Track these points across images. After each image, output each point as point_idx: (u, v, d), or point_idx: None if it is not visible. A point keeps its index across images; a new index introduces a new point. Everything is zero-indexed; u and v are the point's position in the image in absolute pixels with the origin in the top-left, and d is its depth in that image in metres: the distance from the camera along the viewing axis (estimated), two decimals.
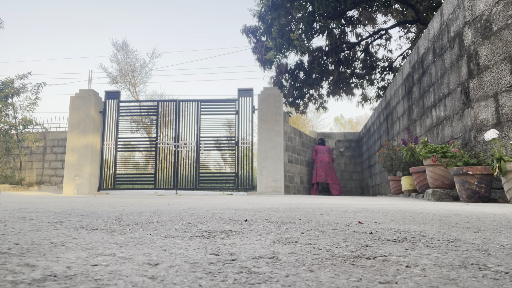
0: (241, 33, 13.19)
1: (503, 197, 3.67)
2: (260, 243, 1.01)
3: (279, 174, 8.38)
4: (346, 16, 12.71)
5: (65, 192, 8.43)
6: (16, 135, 11.36)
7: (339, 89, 14.20)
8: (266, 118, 8.61)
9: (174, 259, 0.79)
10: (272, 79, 13.62)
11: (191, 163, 9.24)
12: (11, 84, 10.93)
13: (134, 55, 28.34)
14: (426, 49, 5.81)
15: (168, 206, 2.74)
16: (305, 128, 29.28)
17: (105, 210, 2.25)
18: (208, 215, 1.91)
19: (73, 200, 4.12)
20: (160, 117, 9.58)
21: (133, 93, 25.78)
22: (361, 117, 35.83)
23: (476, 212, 2.14)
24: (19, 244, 0.95)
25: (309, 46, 11.78)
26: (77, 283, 0.59)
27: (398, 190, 6.78)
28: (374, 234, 1.21)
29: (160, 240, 1.06)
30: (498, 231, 1.30)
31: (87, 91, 8.98)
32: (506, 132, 3.50)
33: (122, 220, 1.62)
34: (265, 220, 1.67)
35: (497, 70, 3.66)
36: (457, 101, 4.56)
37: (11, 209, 2.21)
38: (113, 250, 0.88)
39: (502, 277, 0.67)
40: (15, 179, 11.69)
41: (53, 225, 1.40)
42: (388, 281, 0.63)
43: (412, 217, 1.85)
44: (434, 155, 4.25)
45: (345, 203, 3.39)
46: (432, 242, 1.04)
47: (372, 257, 0.83)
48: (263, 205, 3.00)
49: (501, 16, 3.62)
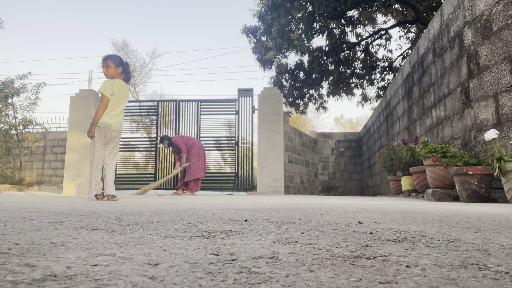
0: (241, 33, 13.20)
1: (503, 197, 3.67)
2: (260, 243, 1.01)
3: (279, 174, 8.38)
4: (346, 16, 12.71)
5: (65, 192, 8.43)
6: (16, 135, 11.36)
7: (339, 89, 14.20)
8: (266, 118, 8.62)
9: (174, 259, 0.79)
10: (272, 79, 13.63)
11: None
12: (11, 84, 10.93)
13: (134, 55, 28.39)
14: (426, 49, 5.81)
15: (168, 206, 2.74)
16: (305, 128, 29.29)
17: (105, 210, 2.25)
18: (208, 215, 1.91)
19: (73, 200, 4.12)
20: (160, 117, 9.58)
21: (133, 93, 25.81)
22: (361, 117, 35.84)
23: (476, 212, 2.14)
24: (19, 244, 0.95)
25: (309, 46, 11.78)
26: (77, 283, 0.59)
27: (398, 190, 6.78)
28: (374, 234, 1.22)
29: (160, 240, 1.06)
30: (498, 231, 1.30)
31: (87, 91, 8.98)
32: (506, 132, 3.50)
33: (122, 220, 1.62)
34: (265, 220, 1.67)
35: (497, 70, 3.66)
36: (457, 101, 4.56)
37: (11, 209, 2.21)
38: (113, 250, 0.88)
39: (502, 277, 0.67)
40: (15, 179, 11.69)
41: (53, 225, 1.40)
42: (388, 281, 0.63)
43: (412, 217, 1.85)
44: (434, 155, 4.25)
45: (345, 203, 3.39)
46: (432, 242, 1.04)
47: (372, 257, 0.83)
48: (263, 205, 3.00)
49: (501, 16, 3.62)
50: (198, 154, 7.19)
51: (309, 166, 12.07)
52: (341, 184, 13.17)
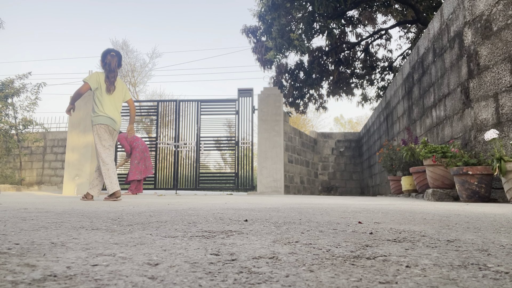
0: (241, 33, 13.20)
1: (503, 197, 3.67)
2: (260, 243, 1.01)
3: (279, 174, 8.38)
4: (346, 16, 12.71)
5: (65, 192, 8.42)
6: (16, 135, 11.37)
7: (339, 89, 14.20)
8: (266, 118, 8.61)
9: (174, 259, 0.79)
10: (272, 79, 13.63)
11: (191, 163, 9.24)
12: (11, 84, 10.93)
13: (134, 55, 28.38)
14: (426, 49, 5.81)
15: (168, 206, 2.74)
16: (305, 128, 29.28)
17: (105, 210, 2.25)
18: (208, 215, 1.91)
19: (73, 200, 4.12)
20: (160, 117, 9.58)
21: (133, 93, 25.80)
22: (361, 117, 35.83)
23: (476, 212, 2.14)
24: (19, 244, 0.95)
25: (309, 46, 11.78)
26: (77, 283, 0.59)
27: (398, 190, 6.78)
28: (374, 234, 1.22)
29: (160, 240, 1.06)
30: (498, 231, 1.30)
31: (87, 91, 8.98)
32: (506, 132, 3.50)
33: (122, 220, 1.62)
34: (265, 220, 1.67)
35: (497, 70, 3.66)
36: (457, 101, 4.56)
37: (11, 209, 2.21)
38: (113, 250, 0.88)
39: (502, 277, 0.67)
40: (15, 179, 11.69)
41: (53, 225, 1.40)
42: (388, 281, 0.63)
43: (412, 217, 1.85)
44: (434, 155, 4.25)
45: (345, 203, 3.39)
46: (432, 242, 1.04)
47: (372, 257, 0.83)
48: (263, 205, 3.00)
49: (501, 16, 3.62)
50: (139, 156, 7.39)
51: (309, 166, 12.07)
52: (341, 184, 13.17)
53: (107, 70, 3.94)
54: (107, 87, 3.92)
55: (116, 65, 3.99)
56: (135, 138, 7.52)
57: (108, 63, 3.94)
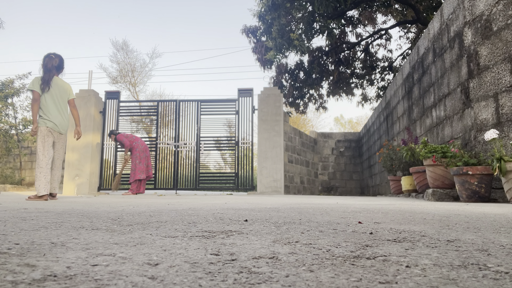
0: (241, 33, 13.20)
1: (503, 197, 3.67)
2: (260, 243, 1.01)
3: (279, 174, 8.38)
4: (346, 16, 12.71)
5: (65, 192, 8.43)
6: (16, 135, 11.37)
7: (339, 89, 14.20)
8: (266, 118, 8.61)
9: (174, 259, 0.79)
10: (272, 79, 13.62)
11: (191, 163, 9.24)
12: (11, 84, 10.93)
13: (134, 55, 28.38)
14: (426, 49, 5.81)
15: (168, 206, 2.74)
16: (305, 128, 29.28)
17: (105, 210, 2.25)
18: (208, 215, 1.91)
19: (73, 200, 4.12)
20: (160, 117, 9.58)
21: (133, 93, 25.79)
22: (361, 117, 35.84)
23: (476, 212, 2.14)
24: (19, 244, 0.95)
25: (309, 46, 11.78)
26: (77, 283, 0.59)
27: (398, 190, 6.78)
28: (374, 234, 1.22)
29: (160, 240, 1.06)
30: (498, 231, 1.30)
31: (87, 91, 8.98)
32: (506, 132, 3.50)
33: (122, 220, 1.62)
34: (265, 220, 1.67)
35: (497, 70, 3.66)
36: (457, 101, 4.56)
37: (11, 209, 2.21)
38: (113, 250, 0.88)
39: (502, 277, 0.67)
40: (15, 179, 11.70)
41: (53, 225, 1.40)
42: (388, 281, 0.63)
43: (412, 217, 1.85)
44: (434, 155, 4.25)
45: (345, 203, 3.39)
46: (432, 242, 1.04)
47: (372, 257, 0.83)
48: (263, 205, 3.00)
49: (501, 16, 3.62)
50: (140, 156, 7.44)
51: (309, 166, 12.07)
52: (341, 184, 13.17)
53: (43, 71, 4.16)
54: (42, 86, 4.10)
55: (53, 66, 4.19)
56: (134, 138, 7.54)
57: (45, 64, 4.16)
